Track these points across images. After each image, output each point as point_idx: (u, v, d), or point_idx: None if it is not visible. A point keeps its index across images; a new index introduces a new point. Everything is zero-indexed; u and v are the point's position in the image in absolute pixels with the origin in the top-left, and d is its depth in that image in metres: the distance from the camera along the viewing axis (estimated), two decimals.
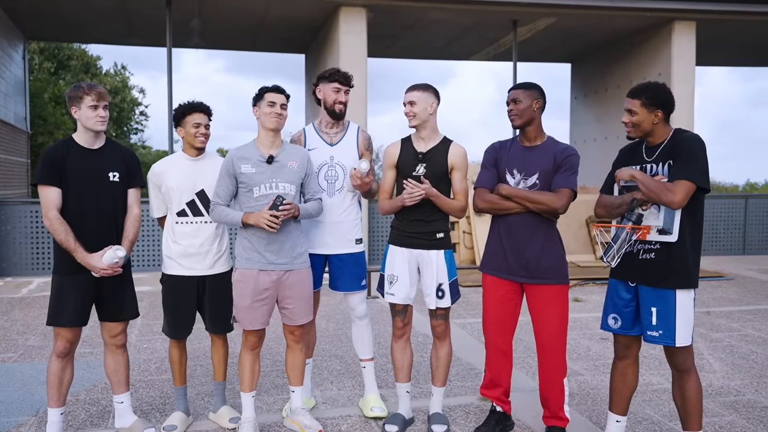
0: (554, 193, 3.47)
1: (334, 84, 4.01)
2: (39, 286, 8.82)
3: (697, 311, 7.13)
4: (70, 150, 3.50)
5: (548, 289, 3.55)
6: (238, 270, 3.64)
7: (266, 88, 3.66)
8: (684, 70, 11.95)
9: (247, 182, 3.60)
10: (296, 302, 3.68)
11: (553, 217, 3.54)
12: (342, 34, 10.97)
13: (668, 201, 3.05)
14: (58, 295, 3.50)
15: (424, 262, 3.74)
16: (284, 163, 3.67)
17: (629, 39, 13.41)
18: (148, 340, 5.95)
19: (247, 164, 3.61)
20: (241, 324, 3.64)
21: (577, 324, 6.60)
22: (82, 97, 3.46)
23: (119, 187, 3.59)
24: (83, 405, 4.26)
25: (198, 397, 4.39)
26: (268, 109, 3.61)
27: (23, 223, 9.47)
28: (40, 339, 5.96)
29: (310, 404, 4.19)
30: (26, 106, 15.21)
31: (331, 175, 4.04)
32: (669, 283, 3.14)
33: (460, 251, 10.66)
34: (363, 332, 4.16)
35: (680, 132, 3.24)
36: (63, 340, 3.52)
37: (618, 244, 3.20)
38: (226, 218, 3.60)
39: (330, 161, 4.05)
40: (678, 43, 11.94)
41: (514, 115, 3.57)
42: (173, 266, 3.78)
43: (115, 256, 3.42)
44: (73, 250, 3.39)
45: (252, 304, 3.60)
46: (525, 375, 4.88)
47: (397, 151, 3.80)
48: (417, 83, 3.74)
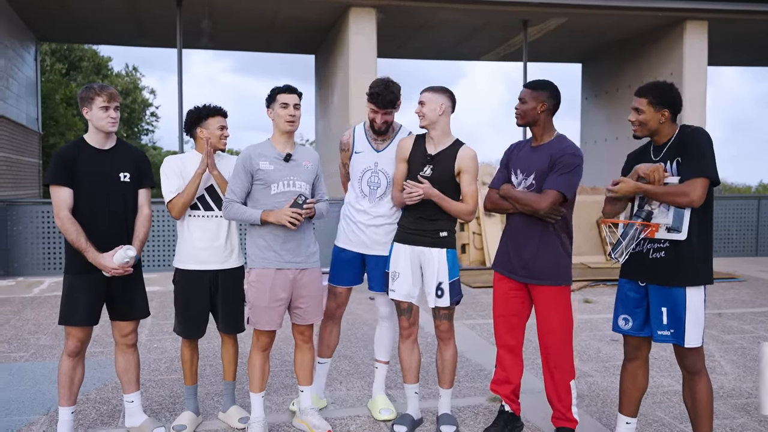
0: (539, 194, 3.46)
1: (371, 105, 3.91)
2: (50, 285, 8.89)
3: (709, 313, 7.10)
4: (81, 151, 3.53)
5: (546, 290, 3.55)
6: (254, 270, 3.63)
7: (278, 89, 3.67)
8: (696, 70, 11.91)
9: (265, 179, 3.61)
10: (309, 301, 3.71)
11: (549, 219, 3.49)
12: (352, 35, 11.00)
13: (687, 202, 3.06)
14: (69, 294, 3.53)
15: (426, 259, 3.75)
16: (300, 162, 3.70)
17: (641, 39, 13.36)
18: (158, 339, 5.99)
19: (265, 161, 3.62)
20: (257, 325, 3.64)
21: (588, 325, 6.58)
22: (93, 98, 3.49)
23: (130, 187, 3.62)
24: (94, 404, 4.29)
25: (207, 397, 4.42)
26: (282, 111, 3.62)
27: (35, 223, 9.55)
28: (51, 338, 6.01)
29: (321, 404, 4.20)
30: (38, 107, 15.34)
31: (374, 182, 4.01)
32: (678, 281, 3.14)
33: (470, 252, 10.66)
34: (384, 334, 4.19)
35: (685, 128, 3.25)
36: (74, 339, 3.55)
37: (626, 241, 3.19)
38: (243, 215, 3.58)
39: (374, 167, 4.02)
40: (690, 43, 11.90)
41: (517, 114, 3.61)
42: (186, 261, 3.80)
43: (126, 256, 3.45)
44: (85, 249, 3.42)
45: (270, 305, 3.61)
46: (535, 376, 4.88)
47: (410, 146, 3.82)
48: (432, 85, 3.77)
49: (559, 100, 3.63)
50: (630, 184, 3.22)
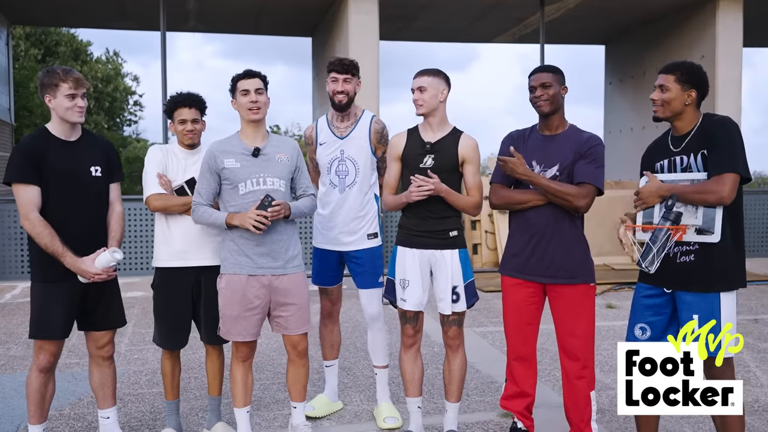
0: (577, 188, 3.46)
1: (331, 74, 4.09)
2: (23, 291, 8.91)
3: (744, 318, 7.07)
4: (48, 143, 3.46)
5: (574, 290, 3.54)
6: (224, 276, 3.61)
7: (237, 76, 3.66)
8: (730, 52, 11.82)
9: (231, 178, 3.57)
10: (291, 310, 3.66)
11: (575, 212, 3.53)
12: (352, 15, 10.96)
13: (716, 200, 3.04)
14: (43, 305, 3.46)
15: (438, 263, 3.73)
16: (272, 156, 3.66)
17: (669, 18, 13.29)
18: (139, 350, 5.99)
19: (230, 158, 3.58)
20: (228, 335, 3.64)
21: (610, 333, 6.55)
22: (57, 85, 3.40)
23: (102, 182, 3.58)
24: (67, 420, 4.30)
25: (191, 413, 4.42)
26: (243, 99, 3.61)
27: (6, 223, 9.56)
28: (23, 348, 6.02)
29: (336, 407, 4.37)
30: (10, 96, 15.34)
31: (342, 170, 4.14)
32: (713, 287, 3.11)
33: (482, 253, 10.64)
34: (376, 337, 4.27)
35: (710, 117, 3.22)
36: (47, 354, 3.50)
37: (657, 247, 3.16)
38: (209, 219, 3.57)
39: (340, 155, 4.14)
40: (723, 22, 11.81)
41: (544, 100, 3.54)
42: (166, 258, 3.80)
43: (113, 259, 3.40)
44: (61, 254, 3.34)
45: (241, 314, 3.58)
46: (551, 389, 4.86)
47: (403, 142, 3.79)
48: (426, 68, 3.74)
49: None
50: (653, 192, 3.21)
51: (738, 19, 11.79)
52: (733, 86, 11.55)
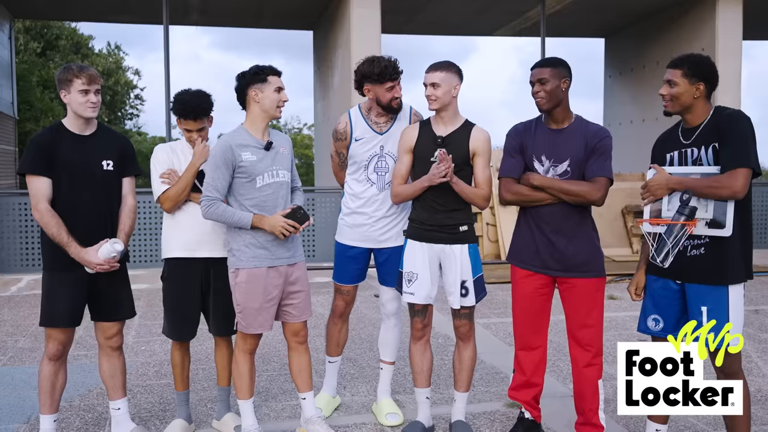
0: (591, 183, 3.47)
1: (386, 83, 3.88)
2: (29, 283, 8.92)
3: (745, 309, 7.06)
4: (61, 137, 3.52)
5: (586, 283, 3.56)
6: (244, 270, 3.59)
7: (271, 70, 3.62)
8: (730, 45, 11.81)
9: (248, 171, 3.56)
10: (300, 297, 3.73)
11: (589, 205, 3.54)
12: (353, 8, 10.93)
13: (729, 195, 3.03)
14: (50, 293, 3.52)
15: (447, 258, 3.73)
16: (278, 149, 3.69)
17: (669, 10, 13.27)
18: (146, 341, 6.01)
19: (246, 152, 3.57)
20: (248, 328, 3.64)
21: (613, 324, 6.56)
22: (71, 80, 3.46)
23: (113, 176, 3.61)
24: (78, 411, 4.31)
25: (200, 404, 4.43)
26: (275, 95, 3.58)
27: (11, 216, 9.56)
28: (30, 341, 6.04)
29: (335, 403, 4.29)
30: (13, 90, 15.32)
31: (382, 167, 4.01)
32: (722, 279, 3.13)
33: (484, 245, 10.64)
34: (390, 333, 4.23)
35: (721, 110, 3.21)
36: (56, 342, 3.55)
37: (672, 242, 3.16)
38: (231, 218, 3.52)
39: (380, 152, 4.02)
40: (723, 15, 11.79)
41: (540, 97, 3.52)
42: (175, 249, 3.80)
43: (113, 250, 3.43)
44: (66, 244, 3.40)
45: (263, 306, 3.61)
46: (556, 380, 4.88)
47: (415, 135, 3.76)
48: (439, 62, 3.69)
49: (572, 78, 3.63)
50: (662, 184, 3.21)
51: (738, 12, 11.78)
52: (733, 79, 11.53)
